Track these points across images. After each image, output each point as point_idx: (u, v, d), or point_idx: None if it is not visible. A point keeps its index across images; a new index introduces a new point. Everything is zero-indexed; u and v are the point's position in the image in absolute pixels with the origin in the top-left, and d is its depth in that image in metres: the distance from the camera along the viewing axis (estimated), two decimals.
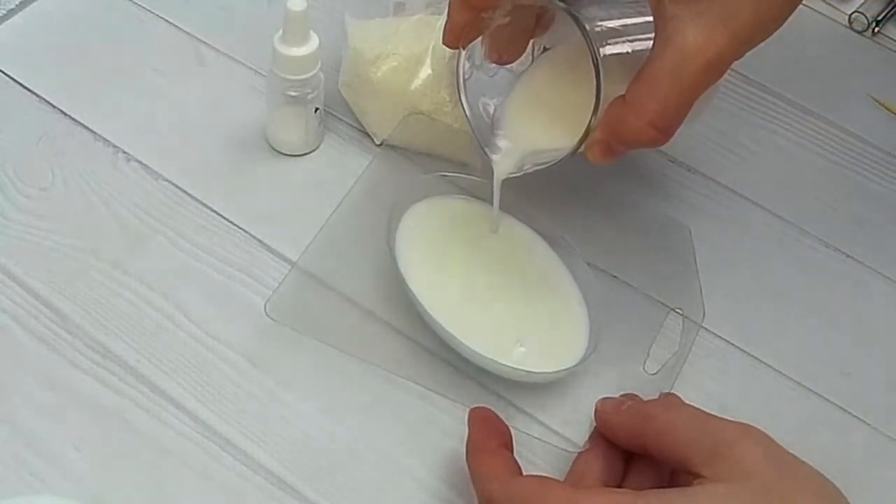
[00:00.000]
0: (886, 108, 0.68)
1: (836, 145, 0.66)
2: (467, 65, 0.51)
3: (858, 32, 0.73)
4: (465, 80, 0.51)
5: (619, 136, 0.46)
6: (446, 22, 0.49)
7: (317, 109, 0.58)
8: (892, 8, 0.73)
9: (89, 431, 0.48)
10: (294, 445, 0.49)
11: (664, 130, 0.45)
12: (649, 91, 0.44)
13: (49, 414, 0.49)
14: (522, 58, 0.52)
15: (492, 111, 0.52)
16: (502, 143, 0.52)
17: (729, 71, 0.45)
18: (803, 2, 0.74)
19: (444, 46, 0.50)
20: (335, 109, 0.62)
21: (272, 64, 0.56)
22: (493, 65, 0.52)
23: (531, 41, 0.51)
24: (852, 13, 0.73)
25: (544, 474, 0.49)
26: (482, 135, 0.52)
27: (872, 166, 0.65)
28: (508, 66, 0.52)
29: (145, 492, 0.47)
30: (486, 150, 0.52)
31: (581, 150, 0.47)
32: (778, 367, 0.55)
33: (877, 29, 0.73)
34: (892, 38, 0.73)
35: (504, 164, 0.51)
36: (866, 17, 0.72)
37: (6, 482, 0.47)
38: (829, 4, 0.74)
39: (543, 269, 0.55)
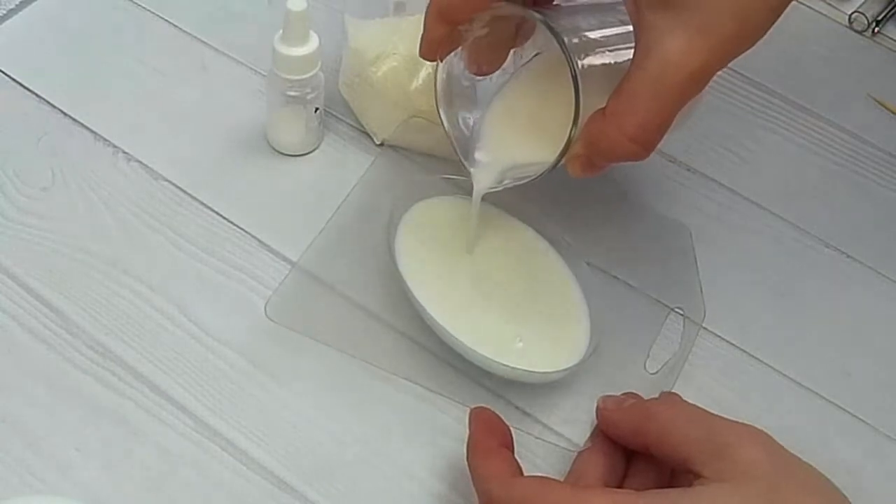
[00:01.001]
0: (886, 108, 0.68)
1: (836, 145, 0.66)
2: (446, 76, 0.50)
3: (858, 32, 0.73)
4: (444, 92, 0.50)
5: (599, 151, 0.45)
6: (422, 35, 0.48)
7: (317, 109, 0.58)
8: (892, 8, 0.73)
9: (89, 431, 0.48)
10: (294, 445, 0.49)
11: (645, 145, 0.44)
12: (629, 105, 0.43)
13: (49, 414, 0.49)
14: (502, 69, 0.51)
15: (471, 123, 0.51)
16: (481, 156, 0.51)
17: (729, 71, 0.45)
18: (803, 2, 0.74)
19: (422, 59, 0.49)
20: (335, 109, 0.62)
21: (272, 64, 0.56)
22: (474, 76, 0.51)
23: (511, 51, 0.51)
24: (852, 13, 0.73)
25: (544, 474, 0.49)
26: (462, 148, 0.51)
27: (872, 166, 0.65)
28: (489, 76, 0.51)
29: (145, 492, 0.47)
30: (466, 163, 0.51)
31: (562, 164, 0.46)
32: (778, 367, 0.55)
33: (877, 29, 0.73)
34: (892, 38, 0.73)
35: (483, 178, 0.51)
36: (866, 17, 0.72)
37: (6, 482, 0.47)
38: (829, 4, 0.74)
39: (544, 269, 0.55)
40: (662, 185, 0.62)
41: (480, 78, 0.51)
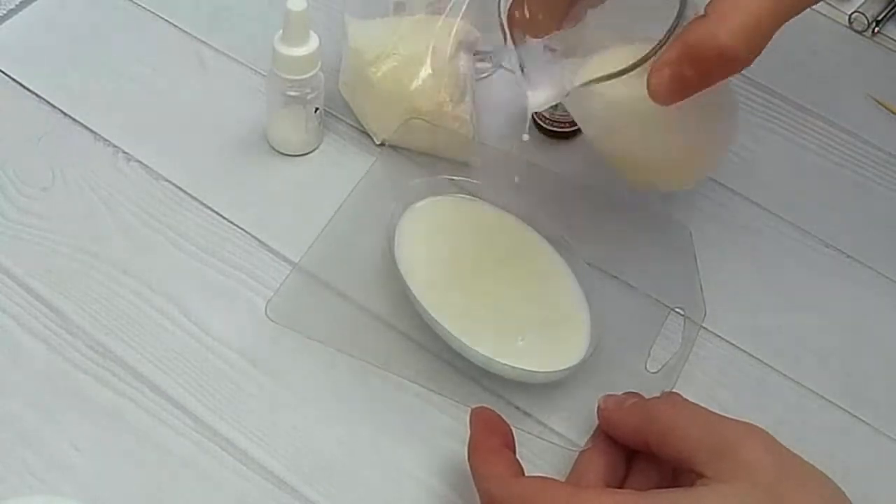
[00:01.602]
0: (886, 108, 0.68)
1: (836, 145, 0.66)
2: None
3: (858, 32, 0.73)
4: (508, 13, 0.47)
5: (696, 53, 0.42)
6: None
7: (317, 109, 0.58)
8: (892, 8, 0.73)
9: (89, 431, 0.48)
10: (294, 445, 0.49)
11: (748, 45, 0.42)
12: (734, 3, 0.41)
13: (49, 414, 0.49)
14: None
15: (543, 46, 0.49)
16: (544, 78, 0.48)
17: None
18: None
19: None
20: (335, 109, 0.62)
21: (272, 64, 0.56)
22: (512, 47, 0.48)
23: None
24: (852, 13, 0.73)
25: (545, 474, 0.49)
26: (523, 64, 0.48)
27: (872, 166, 0.65)
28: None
29: (145, 492, 0.47)
30: (525, 80, 0.48)
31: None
32: (778, 367, 0.55)
33: (877, 29, 0.73)
34: (892, 38, 0.73)
35: (540, 97, 0.48)
36: (866, 17, 0.72)
37: (6, 482, 0.47)
38: (829, 4, 0.74)
39: (544, 269, 0.55)
40: None
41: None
